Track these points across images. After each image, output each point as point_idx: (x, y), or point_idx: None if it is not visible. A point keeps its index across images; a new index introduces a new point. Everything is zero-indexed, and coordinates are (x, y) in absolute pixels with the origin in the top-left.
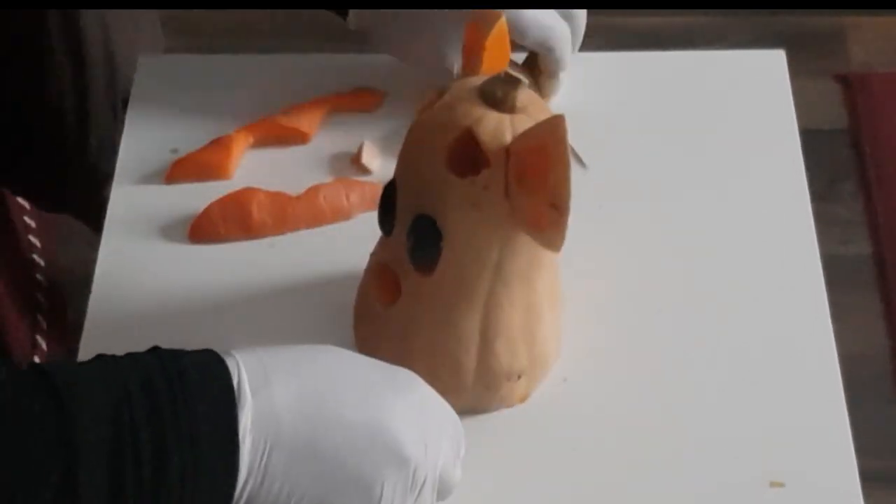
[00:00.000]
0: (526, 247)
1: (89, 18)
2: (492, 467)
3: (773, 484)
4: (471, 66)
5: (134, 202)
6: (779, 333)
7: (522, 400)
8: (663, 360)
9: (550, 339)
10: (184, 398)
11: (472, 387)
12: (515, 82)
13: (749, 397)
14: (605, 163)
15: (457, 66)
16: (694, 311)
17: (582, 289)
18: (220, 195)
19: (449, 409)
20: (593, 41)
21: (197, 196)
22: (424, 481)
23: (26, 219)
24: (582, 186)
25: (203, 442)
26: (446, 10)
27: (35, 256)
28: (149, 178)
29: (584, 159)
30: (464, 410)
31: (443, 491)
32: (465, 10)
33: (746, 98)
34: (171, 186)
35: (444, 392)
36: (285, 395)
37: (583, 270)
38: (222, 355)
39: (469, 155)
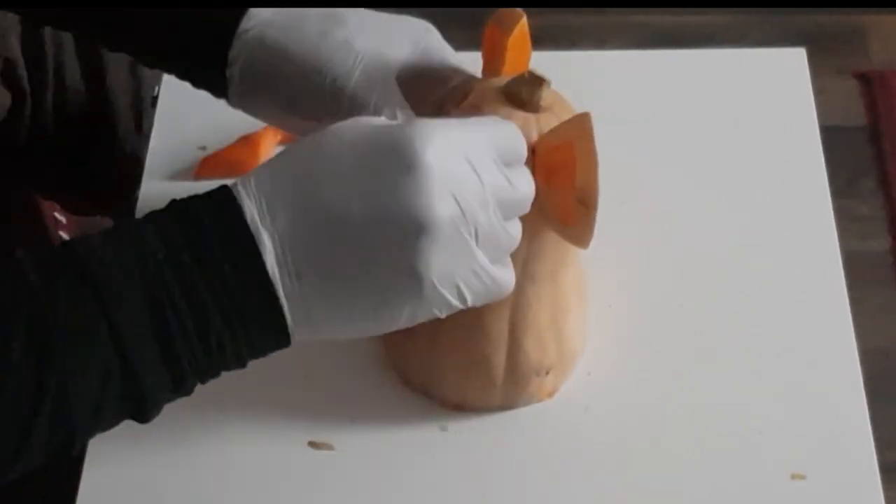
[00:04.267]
0: (553, 244)
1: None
2: (522, 461)
3: (794, 476)
4: (493, 66)
5: (163, 198)
6: (799, 328)
7: (551, 395)
8: (684, 355)
9: (577, 333)
10: (210, 260)
11: (502, 384)
12: (540, 82)
13: (770, 391)
14: (627, 160)
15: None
16: (715, 305)
17: (604, 283)
18: None
19: (473, 128)
20: (616, 40)
21: None
22: (476, 229)
23: (56, 215)
24: (603, 183)
25: (234, 289)
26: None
27: None
28: (178, 175)
29: (602, 154)
30: (494, 407)
31: (516, 208)
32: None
33: (767, 96)
34: (200, 183)
35: (474, 390)
36: (293, 229)
37: (604, 266)
38: (236, 198)
39: None
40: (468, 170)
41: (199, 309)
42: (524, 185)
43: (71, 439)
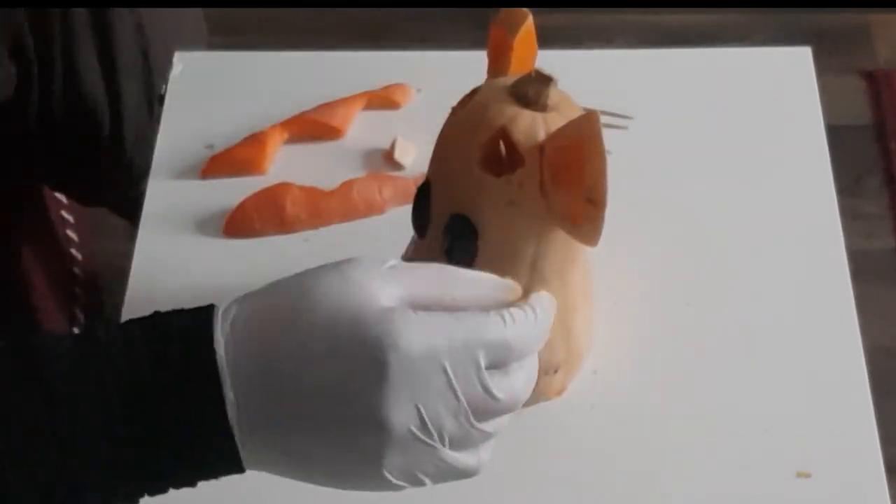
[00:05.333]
0: (561, 243)
1: (120, 15)
2: (529, 459)
3: (799, 474)
4: (499, 66)
5: (170, 197)
6: (805, 326)
7: (559, 393)
8: (690, 353)
9: (584, 332)
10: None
11: None
12: (547, 81)
13: (776, 389)
14: (633, 158)
15: None
16: (721, 303)
17: (610, 282)
18: (255, 190)
19: (460, 330)
20: (623, 38)
21: (232, 191)
22: (441, 434)
23: (63, 213)
24: (609, 182)
25: (195, 440)
26: None
27: (72, 250)
28: (184, 173)
29: (622, 124)
30: None
31: (495, 412)
32: None
33: (773, 94)
34: (207, 181)
35: None
36: (254, 389)
37: (610, 264)
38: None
39: (501, 154)
40: (443, 382)
41: (156, 453)
42: (508, 393)
43: None
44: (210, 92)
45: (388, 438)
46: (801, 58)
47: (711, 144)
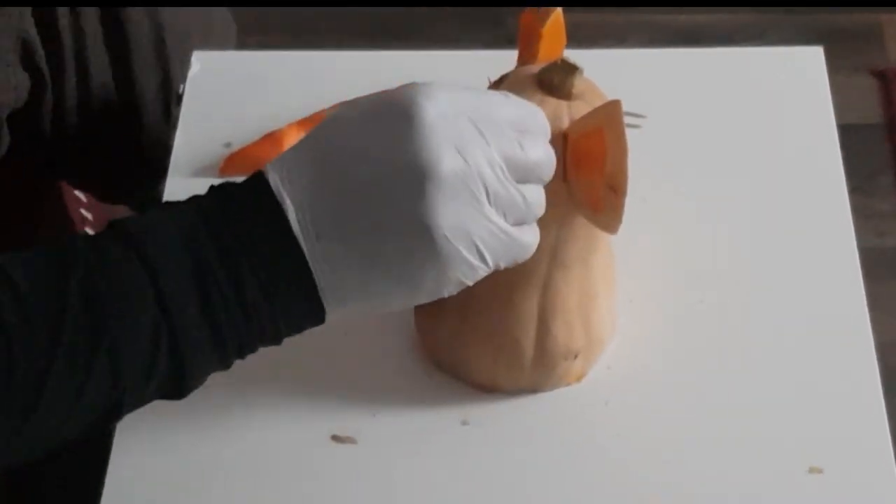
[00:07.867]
0: (582, 229)
1: (135, 18)
2: (543, 455)
3: (811, 470)
4: (528, 54)
5: (188, 195)
6: (817, 323)
7: (579, 379)
8: (703, 350)
9: (605, 319)
10: (244, 229)
11: (531, 366)
12: (572, 69)
13: (788, 385)
14: (647, 157)
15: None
16: (733, 301)
17: (623, 280)
18: None
19: (483, 95)
20: (636, 38)
21: None
22: (485, 186)
23: (83, 211)
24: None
25: (265, 252)
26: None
27: None
28: (202, 172)
29: (635, 122)
30: (522, 390)
31: (528, 172)
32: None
33: (785, 94)
34: (225, 180)
35: (503, 372)
36: (310, 191)
37: (624, 263)
38: (263, 172)
39: None
40: (472, 129)
41: (234, 271)
42: (537, 151)
43: (118, 403)
44: (228, 91)
45: (439, 180)
46: (813, 57)
47: (723, 143)
